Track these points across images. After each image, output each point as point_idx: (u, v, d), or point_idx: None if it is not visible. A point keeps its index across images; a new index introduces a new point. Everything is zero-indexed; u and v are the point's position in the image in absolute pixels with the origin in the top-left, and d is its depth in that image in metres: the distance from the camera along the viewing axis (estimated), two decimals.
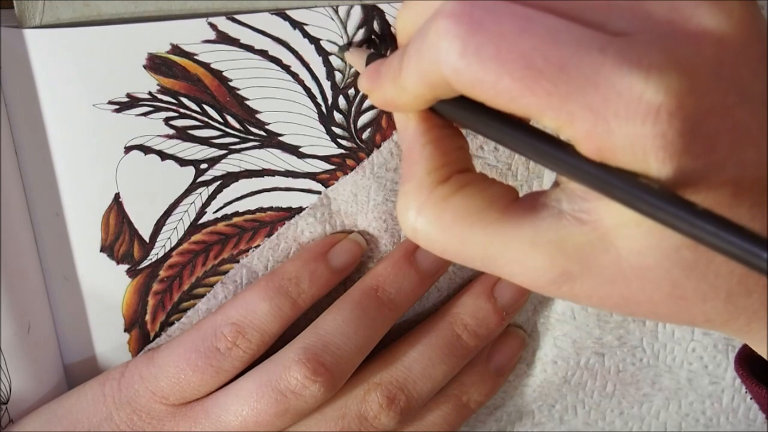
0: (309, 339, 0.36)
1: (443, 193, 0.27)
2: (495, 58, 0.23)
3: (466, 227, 0.27)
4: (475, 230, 0.27)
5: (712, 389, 0.40)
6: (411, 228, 0.28)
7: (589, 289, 0.26)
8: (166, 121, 0.36)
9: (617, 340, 0.40)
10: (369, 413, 0.37)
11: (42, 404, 0.38)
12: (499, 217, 0.27)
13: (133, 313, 0.39)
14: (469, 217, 0.27)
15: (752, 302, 0.26)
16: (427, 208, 0.27)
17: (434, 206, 0.27)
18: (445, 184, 0.27)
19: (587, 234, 0.25)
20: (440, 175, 0.27)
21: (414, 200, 0.27)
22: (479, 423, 0.42)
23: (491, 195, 0.27)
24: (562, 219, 0.26)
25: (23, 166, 0.36)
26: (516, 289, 0.39)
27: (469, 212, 0.27)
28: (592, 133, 0.23)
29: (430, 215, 0.27)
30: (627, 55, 0.23)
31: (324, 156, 0.38)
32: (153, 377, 0.37)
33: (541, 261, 0.26)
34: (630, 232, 0.25)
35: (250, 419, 0.35)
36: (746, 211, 0.24)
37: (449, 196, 0.27)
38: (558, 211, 0.26)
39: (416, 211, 0.27)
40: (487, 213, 0.27)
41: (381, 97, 0.29)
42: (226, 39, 0.35)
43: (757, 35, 0.24)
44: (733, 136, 0.24)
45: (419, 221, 0.27)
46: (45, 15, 0.35)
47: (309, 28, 0.35)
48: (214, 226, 0.38)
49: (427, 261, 0.38)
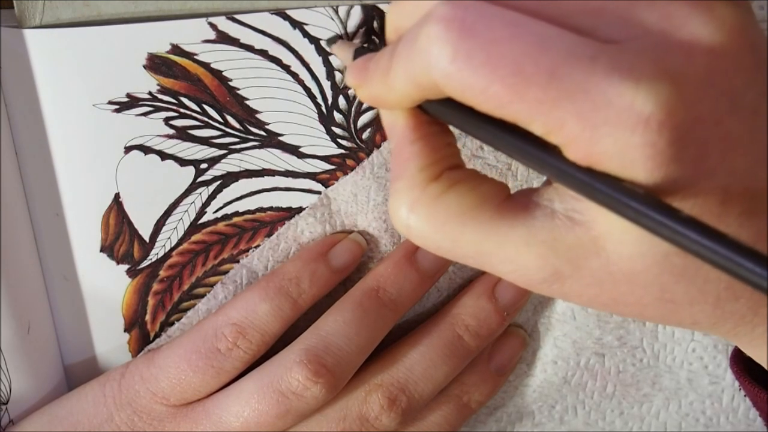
0: (310, 340, 0.36)
1: (435, 191, 0.27)
2: (485, 65, 0.23)
3: (458, 226, 0.27)
4: (468, 229, 0.27)
5: (712, 389, 0.40)
6: (404, 225, 0.28)
7: (578, 290, 0.27)
8: (166, 121, 0.36)
9: (617, 341, 0.40)
10: (370, 414, 0.37)
11: (42, 404, 0.38)
12: (492, 215, 0.27)
13: (133, 313, 0.39)
14: (461, 215, 0.27)
15: (739, 307, 0.26)
16: (419, 206, 0.27)
17: (426, 204, 0.27)
18: (437, 182, 0.27)
19: (579, 236, 0.26)
20: (431, 172, 0.27)
21: (406, 198, 0.27)
22: (479, 423, 0.42)
23: (483, 193, 0.27)
24: (555, 219, 0.26)
25: (23, 166, 0.36)
26: (517, 289, 0.39)
27: (461, 210, 0.27)
28: (581, 139, 0.23)
29: (423, 213, 0.27)
30: (617, 64, 0.23)
31: (324, 156, 0.38)
32: (154, 378, 0.37)
33: (534, 261, 0.26)
34: (620, 237, 0.25)
35: (251, 420, 0.35)
36: (734, 219, 0.25)
37: (441, 194, 0.27)
38: (551, 211, 0.26)
39: (408, 208, 0.27)
40: (480, 211, 0.27)
41: (368, 93, 0.29)
42: (226, 39, 0.35)
43: (749, 45, 0.24)
44: (723, 145, 0.24)
45: (412, 219, 0.27)
46: (45, 15, 0.35)
47: (309, 27, 0.35)
48: (214, 226, 0.38)
49: (428, 261, 0.38)
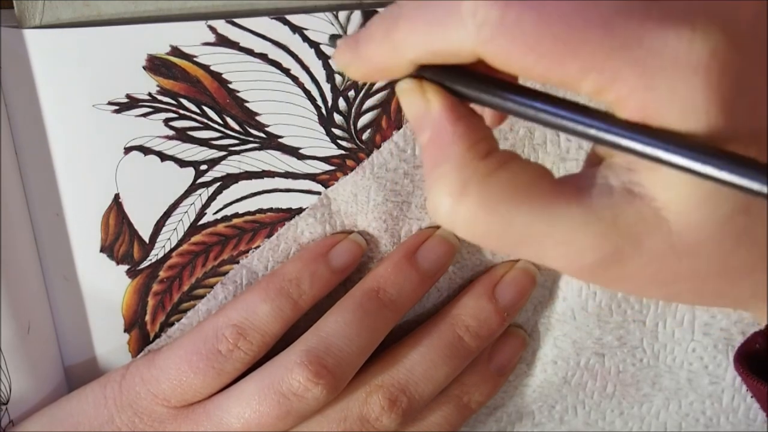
0: (311, 341, 0.36)
1: (487, 169, 0.25)
2: (536, 22, 0.23)
3: (513, 206, 0.25)
4: (523, 209, 0.25)
5: (712, 389, 0.40)
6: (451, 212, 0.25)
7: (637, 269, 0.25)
8: (165, 122, 0.36)
9: (617, 341, 0.40)
10: (371, 415, 0.37)
11: (42, 405, 0.38)
12: (547, 195, 0.25)
13: (132, 313, 0.39)
14: (516, 194, 0.25)
15: None
16: (471, 186, 0.25)
17: (480, 183, 0.25)
18: (487, 160, 0.26)
19: (640, 209, 0.25)
20: (480, 150, 0.26)
21: (455, 180, 0.25)
22: (479, 423, 0.43)
23: (534, 173, 0.26)
24: (613, 195, 0.25)
25: (23, 166, 0.36)
26: (517, 289, 0.39)
27: (516, 189, 0.25)
28: (637, 89, 0.23)
29: (475, 194, 0.25)
30: (672, 12, 0.23)
31: (324, 157, 0.38)
32: (154, 379, 0.37)
33: (592, 240, 0.25)
34: (682, 205, 0.24)
35: (252, 421, 0.35)
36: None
37: (493, 172, 0.25)
38: (608, 187, 0.25)
39: (459, 191, 0.25)
40: (535, 191, 0.25)
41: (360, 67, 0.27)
42: (226, 42, 0.35)
43: None
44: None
45: (462, 203, 0.25)
46: (45, 15, 0.35)
47: (309, 32, 0.35)
48: (213, 227, 0.38)
49: (428, 261, 0.38)
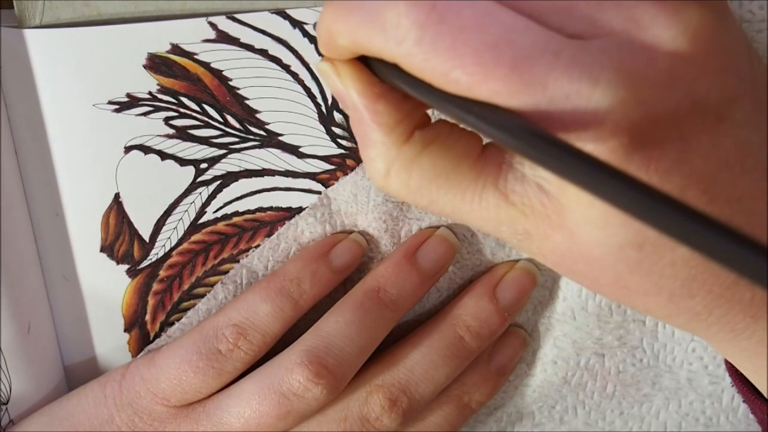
0: (311, 341, 0.36)
1: (409, 155, 0.27)
2: (450, 50, 0.23)
3: (434, 189, 0.27)
4: (443, 191, 0.27)
5: (712, 389, 0.40)
6: (381, 188, 0.28)
7: (544, 252, 0.28)
8: (166, 120, 0.36)
9: (617, 341, 0.40)
10: (371, 415, 0.37)
11: (42, 405, 0.38)
12: (467, 175, 0.27)
13: (133, 313, 0.39)
14: (437, 179, 0.27)
15: (694, 304, 0.27)
16: (393, 172, 0.27)
17: (400, 170, 0.27)
18: (410, 144, 0.27)
19: (545, 204, 0.26)
20: (401, 132, 0.27)
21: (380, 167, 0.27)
22: (479, 423, 0.42)
23: (457, 152, 0.27)
24: (525, 184, 0.26)
25: (23, 166, 0.36)
26: (518, 289, 0.38)
27: (437, 174, 0.27)
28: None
29: (398, 180, 0.27)
30: (579, 60, 0.23)
31: (324, 156, 0.38)
32: (154, 379, 0.37)
33: (506, 221, 0.27)
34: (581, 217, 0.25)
35: (252, 421, 0.35)
36: None
37: (415, 158, 0.27)
38: (521, 175, 0.27)
39: (384, 175, 0.27)
40: (455, 173, 0.27)
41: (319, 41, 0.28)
42: (226, 38, 0.35)
43: (716, 48, 0.24)
44: (681, 147, 0.24)
45: (389, 184, 0.28)
46: (45, 15, 0.35)
47: (309, 27, 0.35)
48: (214, 226, 0.38)
49: (428, 261, 0.38)
